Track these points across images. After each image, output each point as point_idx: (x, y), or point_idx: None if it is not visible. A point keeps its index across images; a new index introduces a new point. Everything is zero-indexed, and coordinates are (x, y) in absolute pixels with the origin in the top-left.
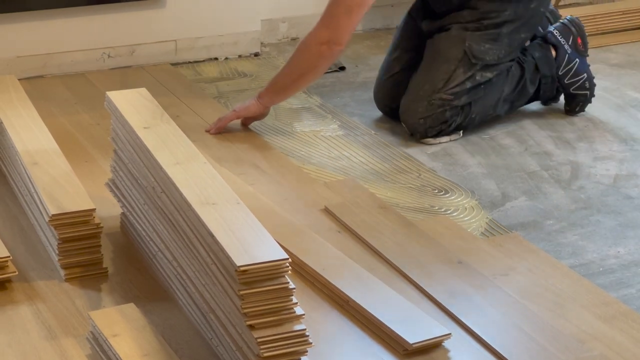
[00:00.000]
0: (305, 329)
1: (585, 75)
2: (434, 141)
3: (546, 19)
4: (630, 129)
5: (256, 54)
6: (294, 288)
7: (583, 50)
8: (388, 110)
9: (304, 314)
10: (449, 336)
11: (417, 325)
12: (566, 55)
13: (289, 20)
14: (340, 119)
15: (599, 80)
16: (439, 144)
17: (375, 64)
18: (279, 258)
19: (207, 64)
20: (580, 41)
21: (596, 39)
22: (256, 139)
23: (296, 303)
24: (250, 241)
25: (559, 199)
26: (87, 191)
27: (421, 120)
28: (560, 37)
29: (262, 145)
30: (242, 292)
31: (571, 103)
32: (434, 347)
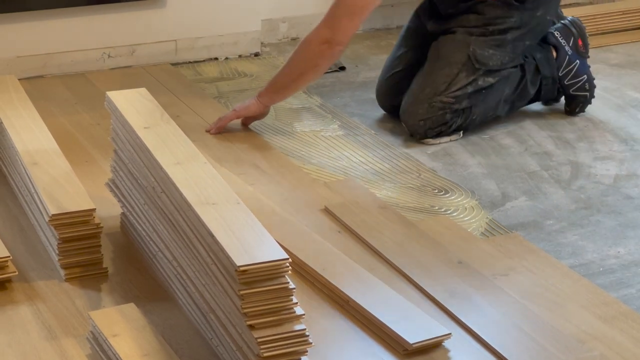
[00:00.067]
0: (305, 329)
1: (585, 76)
2: (434, 141)
3: (551, 22)
4: (631, 129)
5: (256, 54)
6: (294, 288)
7: (584, 52)
8: (389, 107)
9: (304, 314)
10: (449, 336)
11: (417, 325)
12: (566, 57)
13: (289, 20)
14: (340, 119)
15: (599, 80)
16: (439, 144)
17: (375, 64)
18: (279, 258)
19: (207, 64)
20: (581, 42)
21: (596, 39)
22: (256, 139)
23: (296, 303)
24: (250, 241)
25: (559, 199)
26: (87, 191)
27: (421, 122)
28: (561, 38)
29: (262, 145)
30: (242, 292)
31: (571, 104)
32: (434, 347)
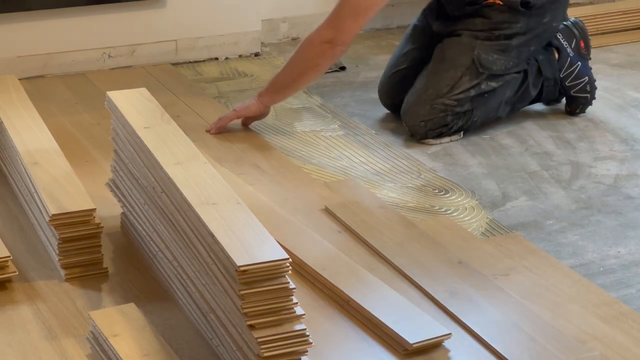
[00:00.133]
0: (305, 329)
1: (586, 78)
2: (434, 141)
3: (557, 28)
4: (631, 129)
5: (256, 54)
6: (294, 288)
7: (585, 54)
8: (391, 105)
9: (304, 314)
10: (449, 336)
11: (417, 325)
12: (568, 58)
13: (289, 20)
14: (340, 119)
15: (599, 80)
16: (439, 144)
17: (376, 64)
18: (279, 258)
19: (207, 63)
20: (583, 44)
21: (596, 39)
22: (256, 139)
23: (296, 303)
24: (250, 241)
25: (559, 199)
26: (87, 191)
27: (422, 123)
28: (563, 40)
29: (263, 145)
30: (242, 292)
31: (572, 105)
32: (434, 347)
